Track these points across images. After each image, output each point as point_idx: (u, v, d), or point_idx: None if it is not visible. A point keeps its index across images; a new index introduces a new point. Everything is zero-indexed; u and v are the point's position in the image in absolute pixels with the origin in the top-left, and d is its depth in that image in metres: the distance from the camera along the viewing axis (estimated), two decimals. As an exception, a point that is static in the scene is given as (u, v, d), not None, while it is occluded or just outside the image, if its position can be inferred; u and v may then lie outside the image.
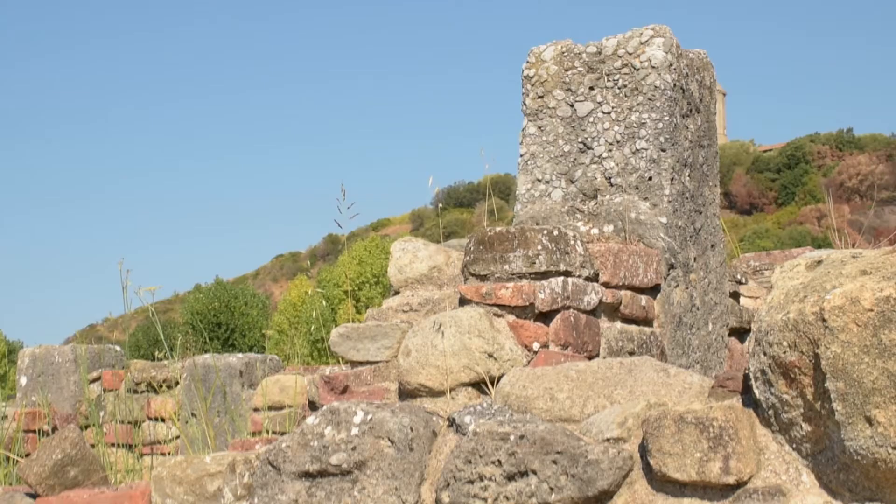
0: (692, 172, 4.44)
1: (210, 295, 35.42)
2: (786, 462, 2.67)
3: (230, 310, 35.02)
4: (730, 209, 73.57)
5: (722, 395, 2.92)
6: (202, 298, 35.43)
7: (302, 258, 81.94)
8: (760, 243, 47.67)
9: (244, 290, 36.68)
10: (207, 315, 34.18)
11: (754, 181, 74.00)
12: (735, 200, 73.86)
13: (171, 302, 70.77)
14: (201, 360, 7.91)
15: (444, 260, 3.95)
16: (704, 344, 4.44)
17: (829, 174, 70.67)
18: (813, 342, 2.53)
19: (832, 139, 76.47)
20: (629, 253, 3.95)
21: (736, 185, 74.05)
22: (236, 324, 34.72)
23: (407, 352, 3.55)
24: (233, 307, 34.99)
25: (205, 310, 34.48)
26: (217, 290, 35.94)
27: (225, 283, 37.93)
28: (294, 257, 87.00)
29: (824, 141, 76.32)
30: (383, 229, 78.19)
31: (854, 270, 2.62)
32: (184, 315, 35.77)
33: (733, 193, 74.00)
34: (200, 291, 37.31)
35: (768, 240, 51.24)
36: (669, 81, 4.21)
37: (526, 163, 4.44)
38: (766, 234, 55.13)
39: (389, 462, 3.01)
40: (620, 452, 2.79)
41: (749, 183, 73.75)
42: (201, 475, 3.19)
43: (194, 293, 38.66)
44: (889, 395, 2.41)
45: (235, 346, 34.17)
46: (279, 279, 79.77)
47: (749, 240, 53.49)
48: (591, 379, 3.15)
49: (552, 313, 3.64)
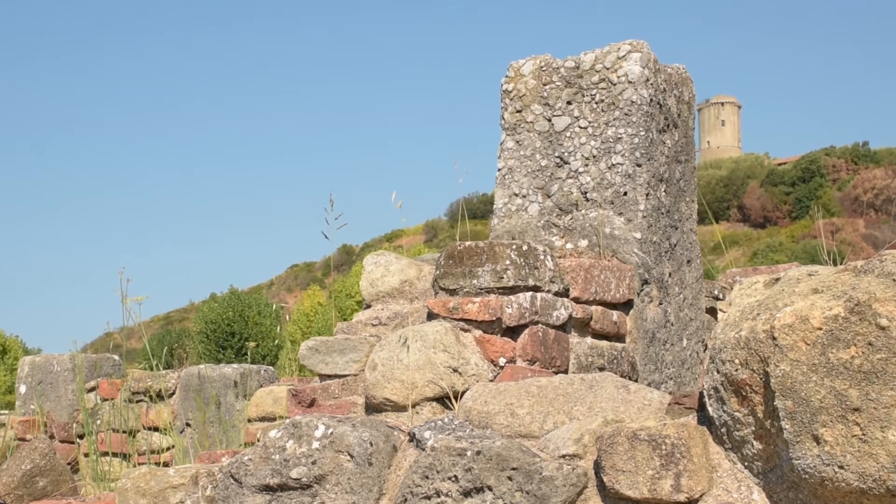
0: (668, 188, 4.43)
1: (224, 304, 35.49)
2: (738, 480, 2.66)
3: (244, 319, 35.10)
4: (743, 222, 73.34)
5: (678, 412, 2.91)
6: (216, 307, 35.52)
7: (316, 268, 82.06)
8: (773, 257, 47.50)
9: (258, 299, 36.80)
10: (221, 324, 34.27)
11: (768, 194, 73.71)
12: (749, 213, 73.60)
13: (186, 311, 70.99)
14: (196, 370, 7.93)
15: (415, 274, 3.95)
16: (678, 360, 4.43)
17: (845, 188, 70.35)
18: (763, 360, 2.53)
19: (847, 153, 76.14)
20: (601, 268, 3.95)
21: (750, 198, 73.79)
22: (249, 333, 34.78)
23: (373, 366, 3.56)
24: (246, 317, 35.06)
25: (218, 319, 34.57)
26: (231, 299, 36.04)
27: (239, 293, 38.04)
28: (309, 267, 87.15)
29: (839, 154, 76.00)
30: (397, 240, 78.23)
31: (807, 289, 2.62)
32: (197, 324, 35.86)
33: (747, 206, 73.74)
34: (215, 300, 37.41)
35: (782, 253, 51.03)
36: (646, 96, 4.21)
37: (504, 177, 4.44)
38: (780, 248, 54.90)
39: (349, 476, 3.02)
40: (575, 469, 2.79)
41: (763, 196, 73.48)
42: (164, 487, 3.21)
43: (209, 302, 38.77)
44: (836, 414, 2.40)
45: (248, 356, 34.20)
46: (293, 289, 79.89)
47: (762, 253, 53.31)
48: (551, 395, 3.15)
49: (520, 328, 3.64)
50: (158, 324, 72.43)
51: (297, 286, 79.78)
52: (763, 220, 72.48)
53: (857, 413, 2.38)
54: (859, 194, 67.18)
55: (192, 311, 58.32)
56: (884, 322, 2.37)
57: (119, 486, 3.28)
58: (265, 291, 71.01)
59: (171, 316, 78.04)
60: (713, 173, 77.99)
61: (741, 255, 59.61)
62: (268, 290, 76.54)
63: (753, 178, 76.24)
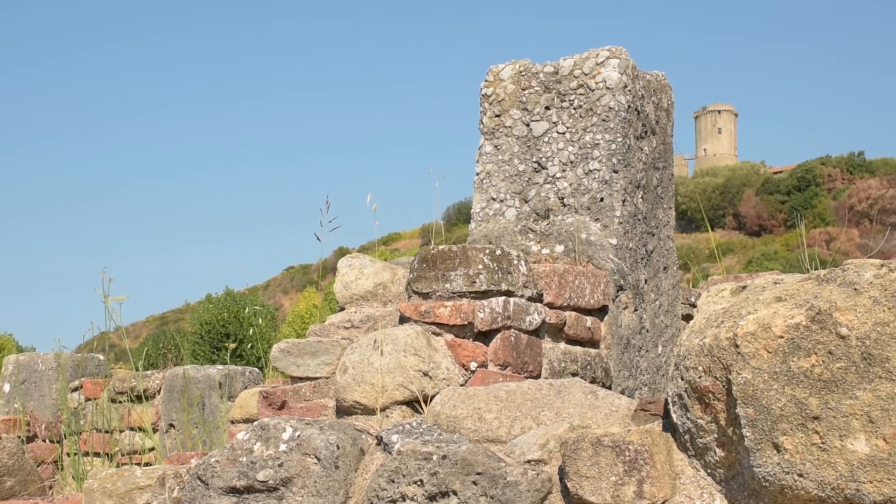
0: (645, 194, 4.43)
1: (219, 305, 35.49)
2: (700, 487, 2.66)
3: (238, 321, 35.08)
4: (738, 230, 73.39)
5: (644, 419, 2.91)
6: (211, 308, 35.52)
7: (312, 270, 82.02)
8: (768, 265, 47.51)
9: (253, 300, 36.77)
10: (216, 325, 34.27)
11: (764, 203, 73.77)
12: (744, 222, 73.65)
13: (182, 311, 70.92)
14: (182, 370, 7.92)
15: (389, 277, 3.95)
16: (653, 366, 4.43)
17: (840, 197, 70.43)
18: (726, 368, 2.53)
19: (843, 162, 76.21)
20: (575, 274, 3.94)
21: (745, 206, 73.85)
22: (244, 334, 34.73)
23: (344, 369, 3.55)
24: (241, 318, 35.04)
25: (213, 320, 34.57)
26: (226, 300, 36.02)
27: (234, 294, 38.02)
28: (305, 269, 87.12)
29: (835, 164, 76.07)
30: (393, 244, 78.21)
31: (770, 297, 2.62)
32: (192, 324, 35.85)
33: (742, 214, 73.80)
34: (210, 301, 37.39)
35: (776, 262, 51.04)
36: (624, 103, 4.21)
37: (482, 181, 4.44)
38: (775, 256, 54.94)
39: (315, 479, 3.01)
40: (539, 475, 2.78)
41: (759, 204, 73.54)
42: (131, 488, 3.20)
43: (204, 303, 38.78)
44: (796, 423, 2.40)
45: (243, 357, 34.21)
46: (289, 291, 79.83)
47: (757, 262, 53.32)
48: (519, 400, 3.15)
49: (492, 333, 3.63)
50: (154, 324, 72.37)
51: (293, 288, 79.74)
52: (758, 228, 72.54)
53: (817, 421, 2.38)
54: (854, 204, 67.27)
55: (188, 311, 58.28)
56: (844, 331, 2.38)
57: (86, 487, 3.27)
58: (261, 293, 70.96)
59: (166, 316, 77.98)
60: (709, 181, 78.06)
61: (736, 263, 59.67)
62: (264, 292, 76.48)
63: (749, 187, 76.31)
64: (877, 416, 2.32)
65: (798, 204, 70.44)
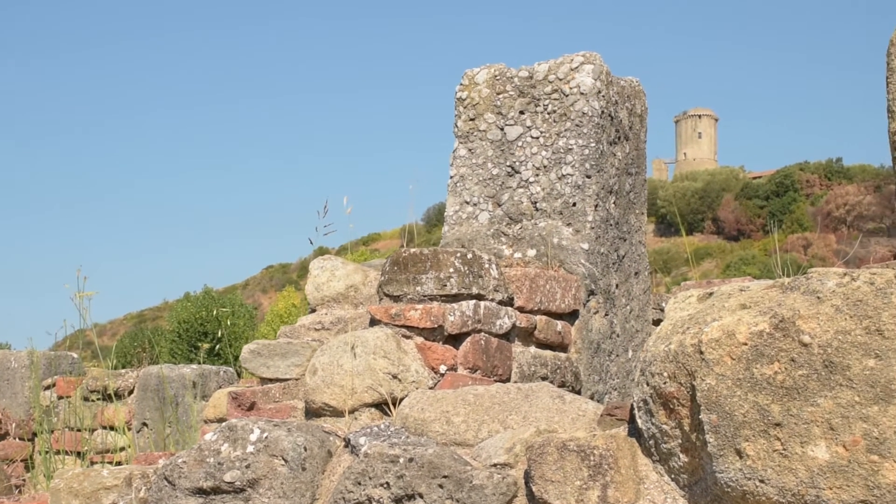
0: (618, 199, 4.45)
1: (198, 304, 35.39)
2: (664, 492, 2.68)
3: (217, 319, 34.93)
4: (717, 234, 73.67)
5: (610, 424, 2.93)
6: (189, 307, 35.42)
7: (291, 269, 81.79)
8: (746, 270, 47.71)
9: (232, 299, 36.65)
10: (194, 324, 34.17)
11: (743, 207, 74.10)
12: (723, 226, 73.94)
13: (160, 309, 70.60)
14: (156, 369, 7.90)
15: (361, 279, 3.95)
16: (623, 371, 4.45)
17: (818, 203, 70.80)
18: (691, 374, 2.55)
19: (821, 168, 76.64)
20: (547, 278, 3.96)
21: (724, 210, 74.16)
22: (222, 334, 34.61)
23: (314, 370, 3.55)
24: (219, 316, 34.86)
25: (191, 318, 34.46)
26: (205, 299, 35.94)
27: (213, 293, 37.94)
28: (284, 269, 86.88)
29: (813, 170, 76.49)
30: (374, 244, 78.10)
31: (735, 304, 2.64)
32: (170, 323, 35.74)
33: (721, 219, 74.09)
34: (189, 300, 37.27)
35: (754, 266, 51.25)
36: (597, 108, 4.23)
37: (455, 185, 4.45)
38: (752, 261, 55.13)
39: (282, 481, 3.01)
40: (505, 478, 2.80)
41: (737, 209, 73.85)
42: (97, 488, 3.19)
43: (182, 301, 38.65)
44: (758, 429, 2.42)
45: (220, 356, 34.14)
46: (268, 290, 79.61)
47: (735, 266, 53.55)
48: (487, 403, 3.16)
49: (462, 336, 3.64)
50: (132, 321, 71.99)
51: (272, 287, 79.53)
52: (737, 232, 72.84)
53: (779, 428, 2.40)
54: (832, 210, 67.66)
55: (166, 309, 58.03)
56: (806, 339, 2.40)
57: (52, 487, 3.26)
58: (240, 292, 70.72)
59: (144, 314, 77.61)
60: (689, 185, 78.33)
61: (714, 267, 59.88)
62: (243, 291, 76.23)
63: (728, 191, 76.62)
64: (837, 424, 2.34)
65: (776, 209, 70.77)
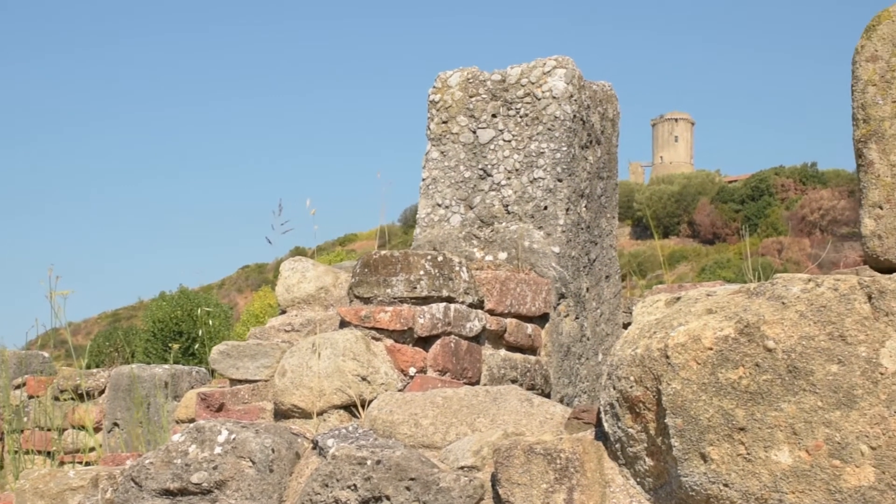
0: (589, 203, 4.47)
1: (173, 303, 35.20)
2: (630, 496, 2.69)
3: (192, 319, 34.80)
4: (693, 238, 73.96)
5: (577, 427, 2.94)
6: (164, 306, 35.22)
7: (268, 270, 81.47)
8: (721, 273, 47.92)
9: (207, 299, 36.48)
10: (169, 323, 33.99)
11: (718, 211, 74.39)
12: (698, 229, 74.23)
13: (135, 308, 70.17)
14: (128, 369, 7.86)
15: (332, 281, 3.95)
16: (593, 374, 4.46)
17: (792, 207, 71.18)
18: (657, 378, 2.56)
19: (796, 173, 77.03)
20: (517, 281, 3.97)
21: (700, 214, 74.45)
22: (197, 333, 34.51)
23: (283, 372, 3.55)
24: (195, 316, 34.76)
25: (166, 318, 34.28)
26: (180, 298, 35.72)
27: (188, 292, 37.71)
28: (260, 268, 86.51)
29: (788, 174, 76.87)
30: (350, 244, 77.92)
31: (702, 309, 2.65)
32: (145, 322, 35.53)
33: (697, 222, 74.37)
34: (164, 299, 37.03)
35: (729, 270, 51.49)
36: (569, 112, 4.24)
37: (427, 187, 4.45)
38: (728, 265, 55.38)
39: (249, 483, 3.01)
40: (472, 481, 2.80)
41: (713, 213, 74.14)
42: (63, 489, 3.17)
43: (158, 301, 38.41)
44: (723, 433, 2.44)
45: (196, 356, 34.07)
46: (244, 290, 79.28)
47: (710, 269, 53.76)
48: (456, 406, 3.16)
49: (432, 338, 3.65)
50: (106, 320, 71.54)
51: (247, 287, 79.21)
52: (712, 236, 73.14)
53: (743, 432, 2.42)
54: (806, 214, 68.08)
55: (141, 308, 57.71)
56: (770, 344, 2.41)
57: (17, 487, 3.24)
58: (216, 291, 70.41)
59: (119, 313, 77.11)
60: (665, 188, 78.63)
61: (689, 271, 60.12)
62: (218, 290, 75.90)
63: (704, 195, 76.93)
64: (800, 429, 2.36)
65: (752, 213, 71.14)
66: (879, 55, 2.56)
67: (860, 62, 2.58)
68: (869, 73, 2.57)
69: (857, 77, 2.58)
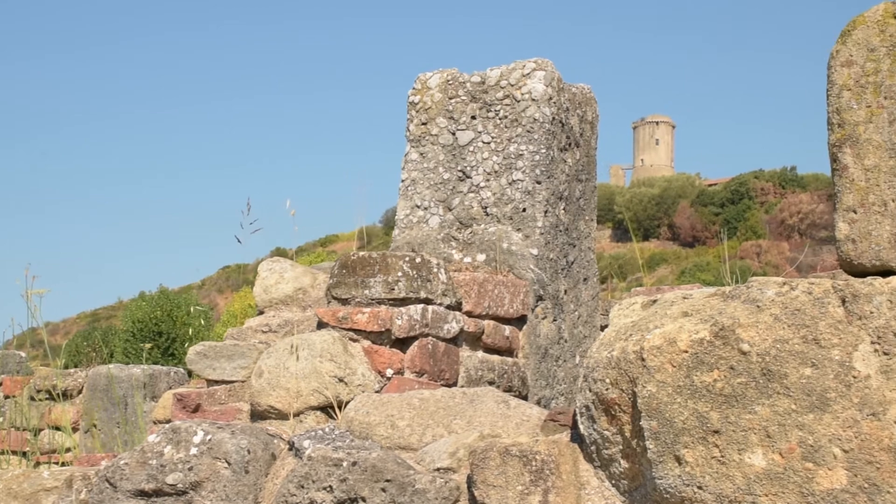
0: (568, 206, 4.48)
1: (153, 303, 35.10)
2: (605, 498, 2.70)
3: (172, 319, 34.74)
4: (673, 241, 74.20)
5: (553, 429, 2.94)
6: (144, 306, 35.12)
7: (248, 270, 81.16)
8: (700, 276, 48.10)
9: (187, 299, 36.38)
10: (148, 323, 33.89)
11: (698, 214, 74.66)
12: (678, 232, 74.49)
13: (114, 308, 69.85)
14: (105, 369, 7.82)
15: (310, 282, 3.94)
16: (571, 376, 4.47)
17: (772, 211, 71.53)
18: (632, 380, 2.56)
19: (776, 176, 77.41)
20: (495, 283, 3.97)
21: (680, 217, 74.70)
22: (177, 333, 34.46)
23: (260, 373, 3.54)
24: (175, 316, 34.71)
25: (146, 318, 34.17)
26: (160, 298, 35.62)
27: (168, 292, 37.65)
28: (240, 269, 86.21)
29: (768, 178, 77.24)
30: (331, 245, 77.78)
31: (678, 312, 2.66)
32: (124, 322, 35.41)
33: (677, 225, 74.62)
34: (144, 299, 36.92)
35: (709, 273, 51.68)
36: (548, 114, 4.25)
37: (406, 188, 4.45)
38: (707, 268, 55.61)
39: (225, 484, 3.00)
40: (448, 483, 2.80)
41: (693, 216, 74.41)
42: (37, 490, 3.16)
43: (137, 301, 38.30)
44: (697, 436, 2.45)
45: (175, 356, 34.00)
46: (224, 290, 79.04)
47: (690, 272, 53.96)
48: (432, 408, 3.16)
49: (410, 340, 3.65)
50: (85, 320, 71.15)
51: (228, 287, 78.97)
52: (692, 239, 73.39)
53: (717, 435, 2.43)
54: (785, 217, 68.42)
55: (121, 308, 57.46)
56: (745, 347, 2.43)
57: (-9, 488, 3.22)
58: (196, 292, 70.13)
59: (98, 313, 76.70)
60: (645, 191, 78.87)
61: (669, 273, 60.32)
62: (199, 291, 75.60)
63: (684, 198, 77.20)
64: (774, 431, 2.37)
65: (731, 216, 71.43)
66: (854, 60, 2.58)
67: (835, 67, 2.60)
68: (844, 78, 2.59)
69: (833, 81, 2.60)
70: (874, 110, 2.55)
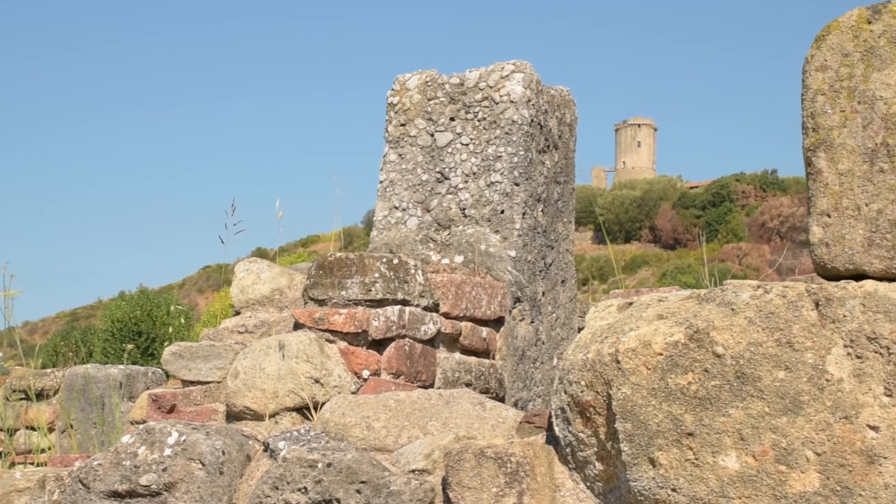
0: (546, 208, 4.48)
1: (132, 303, 34.86)
2: (580, 500, 2.70)
3: (151, 319, 34.54)
4: (654, 243, 74.40)
5: (528, 431, 2.94)
6: (124, 306, 34.88)
7: (229, 270, 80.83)
8: (682, 278, 48.22)
9: (167, 299, 36.22)
10: (128, 323, 33.67)
11: (680, 217, 74.87)
12: (660, 235, 74.68)
13: (94, 308, 69.52)
14: (82, 369, 7.78)
15: (287, 283, 3.93)
16: (548, 378, 4.48)
17: (753, 214, 71.79)
18: (607, 383, 2.57)
19: (757, 180, 77.74)
20: (472, 284, 3.97)
21: (662, 219, 74.89)
22: (157, 333, 34.30)
23: (235, 374, 3.52)
24: (154, 316, 34.53)
25: (126, 318, 33.95)
26: (140, 298, 35.40)
27: (148, 292, 37.42)
28: (222, 269, 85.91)
29: (749, 181, 77.55)
30: (313, 245, 77.60)
31: (653, 314, 2.67)
32: (104, 322, 35.18)
33: (658, 228, 74.81)
34: (123, 299, 36.67)
35: (690, 275, 51.80)
36: (527, 117, 4.25)
37: (385, 189, 4.44)
38: (688, 270, 55.75)
39: (199, 485, 2.99)
40: (423, 484, 2.79)
41: (674, 218, 74.62)
42: (9, 490, 3.13)
43: (117, 300, 38.04)
44: (671, 438, 2.45)
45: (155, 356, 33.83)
46: (205, 290, 78.77)
47: (671, 274, 54.10)
48: (408, 409, 3.16)
49: (387, 341, 3.64)
50: (64, 320, 70.77)
51: (208, 287, 78.70)
52: (674, 241, 73.59)
53: (692, 438, 2.43)
54: (766, 220, 68.70)
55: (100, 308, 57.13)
56: (720, 350, 2.43)
57: (-37, 489, 3.19)
58: (176, 292, 69.84)
59: (77, 312, 76.32)
60: (627, 193, 79.05)
61: (651, 276, 60.47)
62: (179, 291, 75.33)
63: (666, 200, 77.42)
64: (747, 434, 2.38)
65: (712, 219, 71.67)
66: (829, 65, 2.59)
67: (810, 71, 2.61)
68: (818, 83, 2.60)
69: (807, 86, 2.61)
70: (848, 115, 2.56)
